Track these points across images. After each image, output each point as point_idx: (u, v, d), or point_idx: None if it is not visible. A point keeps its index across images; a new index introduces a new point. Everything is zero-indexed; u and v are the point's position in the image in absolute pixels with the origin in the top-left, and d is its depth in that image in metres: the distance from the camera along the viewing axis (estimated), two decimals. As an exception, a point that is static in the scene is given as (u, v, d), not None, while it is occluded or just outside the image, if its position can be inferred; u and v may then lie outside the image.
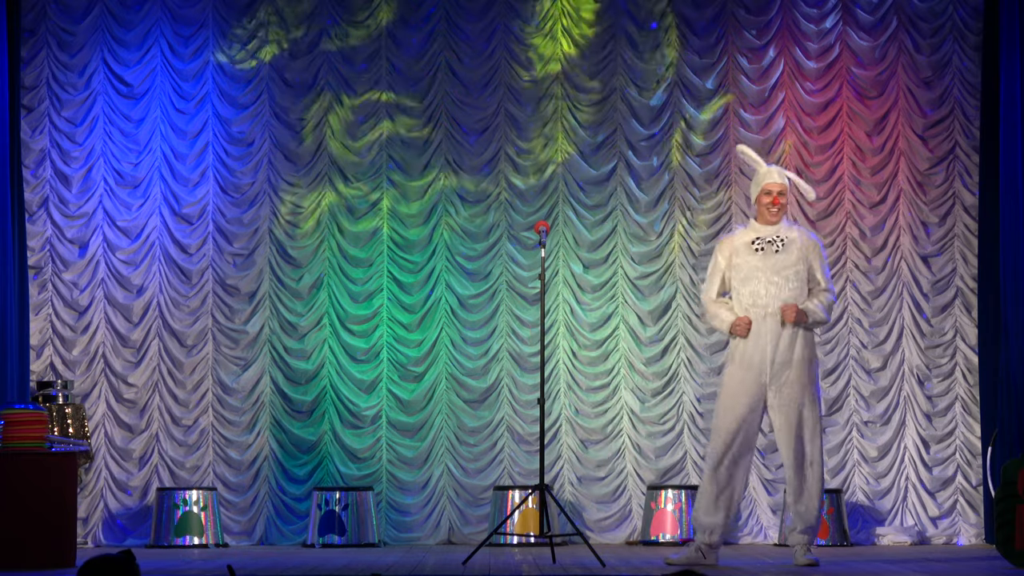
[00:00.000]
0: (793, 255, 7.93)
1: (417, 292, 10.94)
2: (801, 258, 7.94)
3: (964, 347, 10.77)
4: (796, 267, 7.92)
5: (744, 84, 10.97)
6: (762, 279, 7.92)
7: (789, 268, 7.91)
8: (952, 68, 10.90)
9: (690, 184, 10.95)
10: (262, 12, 11.00)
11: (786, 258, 7.92)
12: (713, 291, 8.10)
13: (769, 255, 7.94)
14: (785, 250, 7.94)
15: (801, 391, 7.84)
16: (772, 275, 7.91)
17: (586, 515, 10.74)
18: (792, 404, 7.83)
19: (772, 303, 7.88)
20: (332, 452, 10.78)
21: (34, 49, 10.94)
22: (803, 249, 7.96)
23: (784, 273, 7.91)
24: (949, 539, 10.60)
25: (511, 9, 11.05)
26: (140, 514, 10.71)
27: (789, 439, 7.83)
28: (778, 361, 7.84)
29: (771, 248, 7.95)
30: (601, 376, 10.89)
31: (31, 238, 10.81)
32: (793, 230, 8.04)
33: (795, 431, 7.83)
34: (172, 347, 10.86)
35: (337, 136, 10.96)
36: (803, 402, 7.84)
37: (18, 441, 8.09)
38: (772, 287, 7.91)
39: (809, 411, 7.86)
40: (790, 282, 7.90)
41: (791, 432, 7.83)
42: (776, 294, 7.89)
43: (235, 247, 10.93)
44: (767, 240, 7.97)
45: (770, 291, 7.90)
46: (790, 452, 7.84)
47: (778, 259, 7.92)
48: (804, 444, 7.84)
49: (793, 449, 7.83)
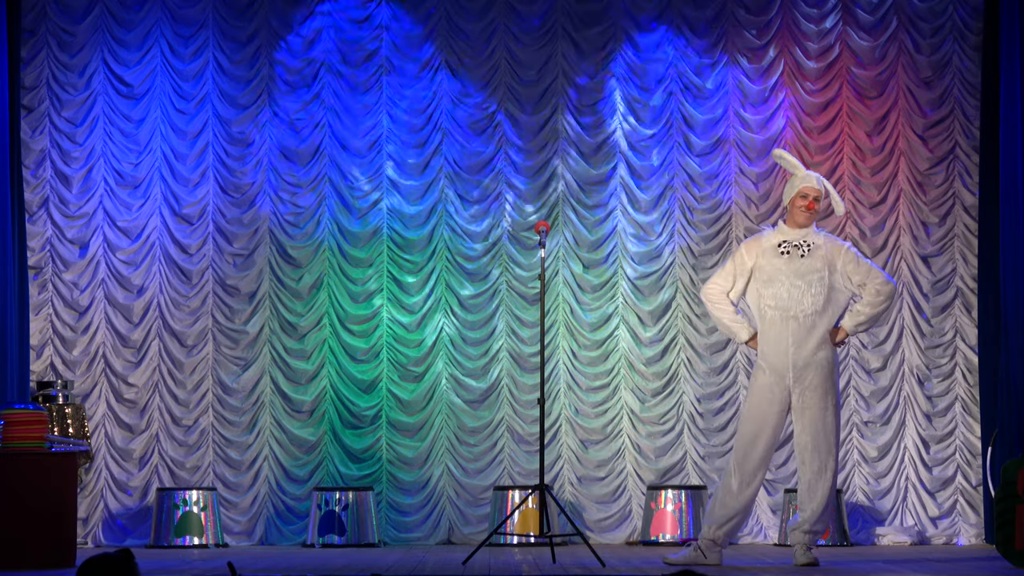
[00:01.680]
0: (818, 261, 7.93)
1: (417, 292, 10.94)
2: (826, 264, 7.92)
3: (964, 347, 10.77)
4: (820, 272, 7.91)
5: (744, 84, 10.97)
6: (785, 282, 7.93)
7: (813, 273, 7.92)
8: (952, 68, 10.90)
9: (690, 184, 10.95)
10: (262, 12, 11.00)
11: (811, 263, 7.93)
12: (721, 285, 8.06)
13: (794, 259, 7.95)
14: (811, 255, 7.95)
15: (824, 396, 7.84)
16: (796, 279, 7.92)
17: (586, 515, 10.74)
18: (814, 408, 7.83)
19: (794, 306, 7.89)
20: (332, 452, 10.79)
21: (34, 49, 10.94)
22: (828, 255, 7.93)
23: (808, 278, 7.92)
24: (949, 539, 10.61)
25: (511, 9, 11.05)
26: (140, 514, 10.71)
27: (807, 442, 7.84)
28: (800, 364, 7.85)
29: (796, 252, 7.96)
30: (601, 376, 10.89)
31: (31, 238, 10.81)
32: (820, 236, 8.02)
33: (815, 435, 7.83)
34: (172, 347, 10.86)
35: (337, 136, 10.96)
36: (825, 406, 7.84)
37: (18, 441, 8.09)
38: (795, 291, 7.92)
39: (832, 416, 7.85)
40: (813, 287, 7.90)
41: (811, 436, 7.83)
42: (799, 298, 7.90)
43: (235, 247, 10.93)
44: (794, 244, 7.98)
45: (792, 295, 7.91)
46: (807, 455, 7.84)
47: (803, 263, 7.94)
48: (821, 449, 7.84)
49: (810, 452, 7.83)
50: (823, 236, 8.06)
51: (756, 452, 7.86)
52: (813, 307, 7.90)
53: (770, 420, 7.87)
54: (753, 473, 7.88)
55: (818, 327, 7.89)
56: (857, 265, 7.96)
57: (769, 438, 7.87)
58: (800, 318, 7.90)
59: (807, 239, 8.00)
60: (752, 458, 7.86)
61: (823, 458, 7.85)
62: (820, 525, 7.92)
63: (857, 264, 7.96)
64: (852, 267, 7.95)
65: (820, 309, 7.89)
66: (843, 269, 7.95)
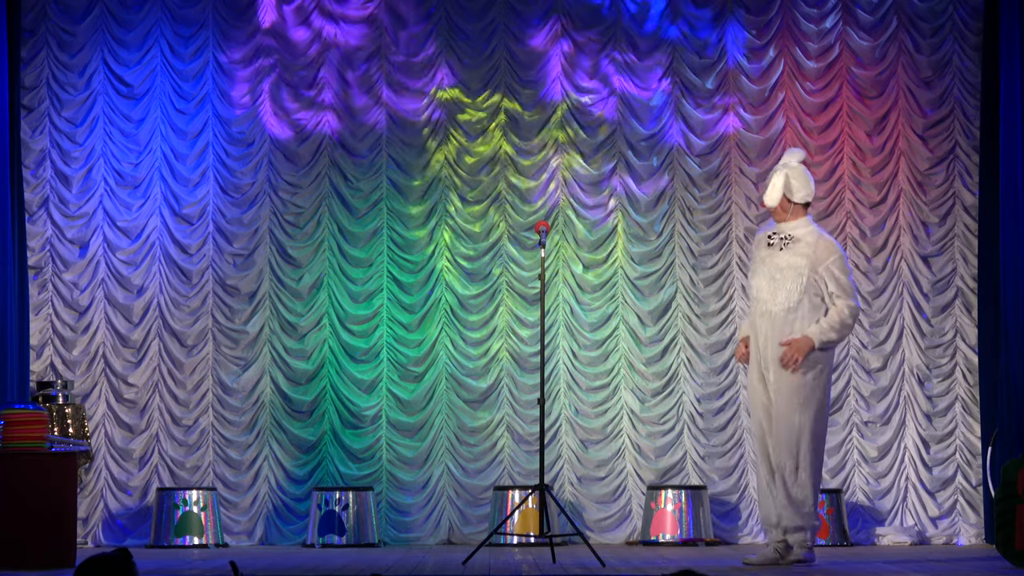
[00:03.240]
0: (800, 257, 7.81)
1: (417, 292, 10.94)
2: (809, 263, 7.80)
3: (964, 347, 10.77)
4: (799, 269, 7.79)
5: (744, 84, 10.97)
6: (766, 274, 7.88)
7: (789, 268, 7.81)
8: (952, 68, 10.90)
9: (690, 184, 10.95)
10: (261, 12, 11.00)
11: (788, 258, 7.84)
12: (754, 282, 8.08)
13: (775, 251, 7.90)
14: (789, 249, 7.86)
15: (793, 392, 7.74)
16: (774, 271, 7.85)
17: (586, 515, 10.74)
18: (783, 404, 7.76)
19: (770, 299, 7.84)
20: (332, 452, 10.79)
21: (34, 49, 10.94)
22: (815, 255, 7.82)
23: (785, 272, 7.82)
24: (949, 539, 10.60)
25: (511, 9, 11.05)
26: (140, 514, 10.71)
27: (777, 440, 7.76)
28: (774, 359, 7.80)
29: (778, 245, 7.92)
30: (601, 376, 10.89)
31: (31, 238, 10.81)
32: (812, 233, 7.88)
33: (776, 434, 7.76)
34: (172, 347, 10.86)
35: (337, 136, 10.96)
36: (793, 405, 7.74)
37: (18, 441, 8.09)
38: (772, 283, 7.85)
39: (799, 415, 7.73)
40: (788, 282, 7.80)
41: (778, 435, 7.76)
42: (774, 290, 7.83)
43: (235, 247, 10.93)
44: (779, 236, 7.94)
45: (770, 287, 7.86)
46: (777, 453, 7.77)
47: (781, 257, 7.86)
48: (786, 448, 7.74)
49: (779, 450, 7.76)
50: (816, 233, 7.93)
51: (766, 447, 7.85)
52: (787, 302, 7.79)
53: (760, 417, 7.85)
54: None
55: (793, 324, 7.80)
56: (832, 277, 7.79)
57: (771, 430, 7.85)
58: (773, 312, 7.84)
59: (793, 232, 7.91)
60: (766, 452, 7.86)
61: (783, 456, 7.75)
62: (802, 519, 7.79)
63: (833, 276, 7.79)
64: (828, 276, 7.81)
65: (793, 306, 7.79)
66: (822, 273, 7.86)
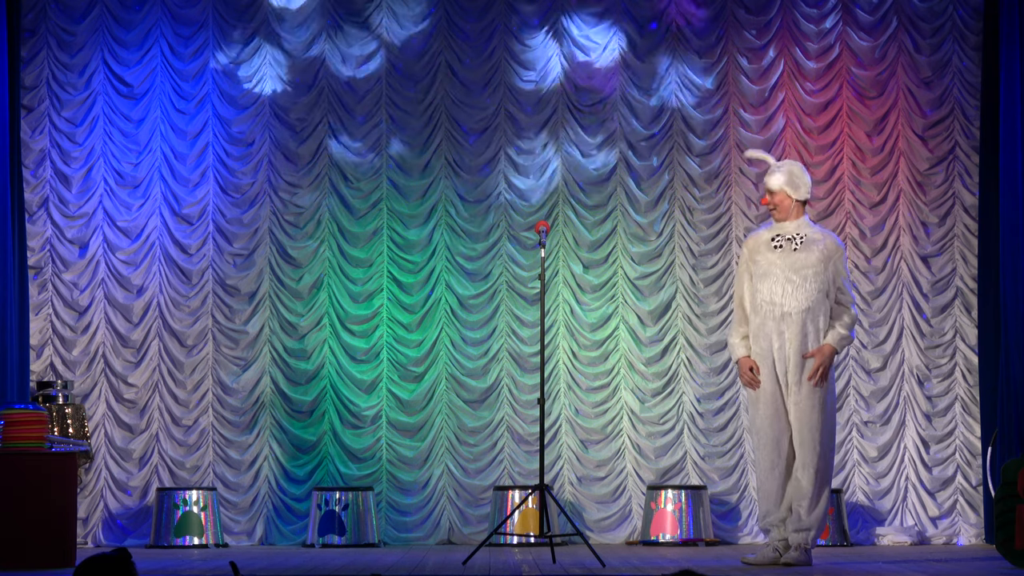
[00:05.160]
0: (814, 255, 7.83)
1: (417, 292, 10.94)
2: (823, 260, 7.83)
3: (964, 347, 10.77)
4: (816, 268, 7.81)
5: (744, 84, 10.97)
6: (780, 277, 7.85)
7: (808, 268, 7.82)
8: (952, 68, 10.90)
9: (690, 184, 10.95)
10: (261, 12, 11.00)
11: (806, 257, 7.84)
12: (741, 291, 8.02)
13: (787, 252, 7.87)
14: (804, 248, 7.86)
15: (812, 393, 7.80)
16: (791, 273, 7.83)
17: (586, 515, 10.74)
18: (805, 403, 7.80)
19: (788, 301, 7.81)
20: (332, 452, 10.79)
21: (34, 49, 10.94)
22: (827, 252, 7.85)
23: (803, 272, 7.82)
24: (949, 539, 10.60)
25: (511, 9, 11.05)
26: (140, 514, 10.72)
27: (801, 439, 7.81)
28: (795, 360, 7.81)
29: (790, 246, 7.89)
30: (601, 376, 10.89)
31: (31, 238, 10.81)
32: (817, 231, 7.93)
33: (806, 432, 7.80)
34: (172, 347, 10.86)
35: (337, 136, 10.96)
36: (814, 404, 7.80)
37: (18, 441, 8.09)
38: (789, 285, 7.83)
39: (819, 414, 7.80)
40: (808, 282, 7.81)
41: (802, 433, 7.80)
42: (793, 293, 7.82)
43: (235, 247, 10.93)
44: (787, 237, 7.91)
45: (787, 290, 7.83)
46: (801, 451, 7.81)
47: (797, 257, 7.85)
48: (811, 447, 7.80)
49: (802, 447, 7.81)
50: (820, 231, 7.96)
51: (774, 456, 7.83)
52: (806, 302, 7.81)
53: (772, 419, 7.85)
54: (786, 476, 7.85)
55: (811, 323, 7.83)
56: (840, 275, 7.86)
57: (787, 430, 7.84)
58: (793, 314, 7.84)
59: (800, 232, 7.92)
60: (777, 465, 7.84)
61: (808, 453, 7.80)
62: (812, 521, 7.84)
63: (840, 274, 7.86)
64: (836, 273, 7.85)
65: (811, 306, 7.83)
66: (831, 270, 7.87)
